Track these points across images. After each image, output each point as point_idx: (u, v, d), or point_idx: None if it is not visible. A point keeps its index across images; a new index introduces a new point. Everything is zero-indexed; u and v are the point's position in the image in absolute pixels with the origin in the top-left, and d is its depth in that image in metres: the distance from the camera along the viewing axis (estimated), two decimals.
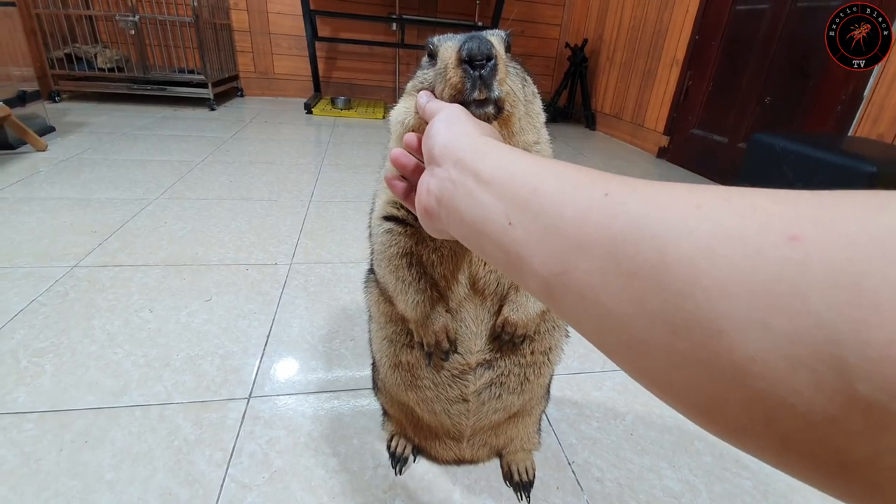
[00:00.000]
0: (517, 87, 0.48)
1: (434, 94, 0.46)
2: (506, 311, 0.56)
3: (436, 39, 0.49)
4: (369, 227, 0.60)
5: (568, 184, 0.28)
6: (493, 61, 0.43)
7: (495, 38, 0.47)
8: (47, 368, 0.91)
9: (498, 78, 0.44)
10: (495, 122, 0.47)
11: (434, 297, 0.56)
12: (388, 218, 0.56)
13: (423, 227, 0.41)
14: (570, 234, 0.25)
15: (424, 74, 0.50)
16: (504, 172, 0.31)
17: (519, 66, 0.51)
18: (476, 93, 0.44)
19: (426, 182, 0.37)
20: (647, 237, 0.22)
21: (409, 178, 0.45)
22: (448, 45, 0.46)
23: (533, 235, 0.27)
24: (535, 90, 0.55)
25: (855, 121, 1.91)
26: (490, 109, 0.45)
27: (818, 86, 2.10)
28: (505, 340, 0.58)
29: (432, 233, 0.40)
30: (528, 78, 0.53)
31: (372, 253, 0.61)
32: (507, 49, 0.50)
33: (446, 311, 0.58)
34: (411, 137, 0.44)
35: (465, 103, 0.45)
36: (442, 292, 0.57)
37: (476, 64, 0.43)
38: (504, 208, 0.30)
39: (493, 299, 0.58)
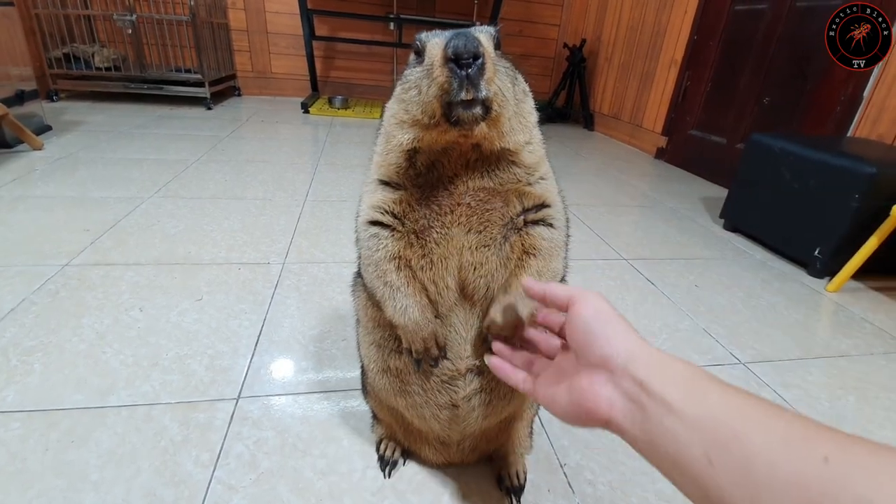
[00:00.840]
0: (506, 87, 0.47)
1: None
2: (492, 312, 0.55)
3: (423, 36, 0.48)
4: (356, 231, 0.59)
5: (775, 434, 0.27)
6: (480, 60, 0.42)
7: (483, 35, 0.46)
8: (36, 367, 0.90)
9: (486, 77, 0.43)
10: (484, 123, 0.46)
11: (423, 303, 0.55)
12: (374, 223, 0.55)
13: (570, 423, 0.40)
14: (788, 501, 0.25)
15: (412, 73, 0.49)
16: (697, 407, 0.31)
17: (509, 64, 0.50)
18: (463, 93, 0.42)
19: (607, 394, 0.36)
20: None
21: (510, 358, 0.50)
22: (434, 43, 0.45)
23: (739, 487, 0.27)
24: (527, 88, 0.53)
25: (854, 122, 1.90)
26: (478, 110, 0.44)
27: (817, 87, 2.09)
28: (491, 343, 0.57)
29: (578, 425, 0.40)
30: (518, 76, 0.52)
31: (359, 257, 0.60)
32: (497, 46, 0.49)
33: (435, 316, 0.56)
34: (538, 289, 0.46)
35: (452, 104, 0.44)
36: (431, 297, 0.56)
37: (463, 62, 0.41)
38: (702, 446, 0.29)
39: (483, 304, 0.57)
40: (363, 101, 3.92)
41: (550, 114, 3.88)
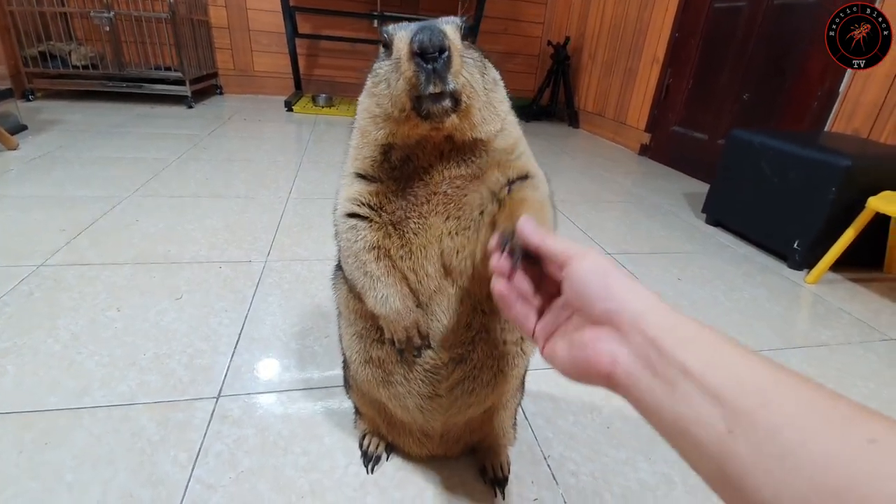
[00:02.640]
0: (475, 78, 0.47)
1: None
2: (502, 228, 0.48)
3: (390, 28, 0.48)
4: (335, 224, 0.58)
5: (812, 408, 0.24)
6: (446, 53, 0.42)
7: (449, 27, 0.46)
8: (9, 369, 0.88)
9: (453, 70, 0.43)
10: (454, 115, 0.45)
11: (403, 292, 0.55)
12: (351, 215, 0.55)
13: (570, 377, 0.37)
14: (827, 485, 0.21)
15: (381, 66, 0.48)
16: (720, 372, 0.27)
17: (477, 54, 0.50)
18: (431, 86, 0.42)
19: (610, 350, 0.33)
20: None
21: (514, 304, 0.42)
22: (401, 36, 0.45)
23: (765, 460, 0.23)
24: (497, 77, 0.53)
25: (831, 117, 1.94)
26: (447, 103, 0.44)
27: (795, 83, 2.13)
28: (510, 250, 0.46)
29: (579, 381, 0.36)
30: (487, 65, 0.51)
31: (339, 250, 0.59)
32: (465, 36, 0.48)
33: (417, 305, 0.56)
34: (535, 239, 0.41)
35: (421, 97, 0.43)
36: (412, 286, 0.56)
37: (429, 56, 0.41)
38: (722, 415, 0.26)
39: (471, 286, 0.55)
40: (347, 99, 3.89)
41: (535, 111, 3.89)
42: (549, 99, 3.97)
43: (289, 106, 3.41)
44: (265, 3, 3.59)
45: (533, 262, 0.43)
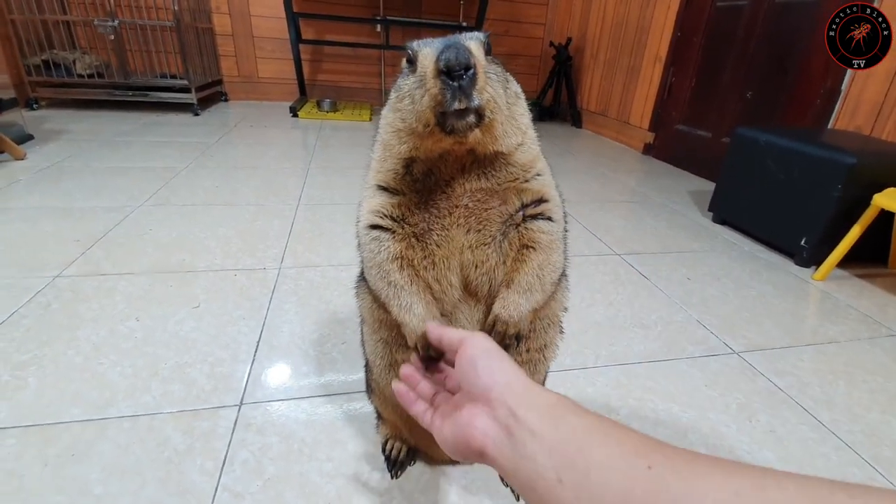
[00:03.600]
0: (498, 93, 0.48)
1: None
2: (496, 308, 0.55)
3: (415, 45, 0.49)
4: (357, 236, 0.59)
5: (612, 449, 0.31)
6: (471, 71, 0.43)
7: (474, 44, 0.47)
8: (30, 381, 0.89)
9: (478, 87, 0.44)
10: (477, 130, 0.47)
11: (427, 300, 0.56)
12: (374, 227, 0.56)
13: (454, 457, 0.43)
14: None
15: (405, 82, 0.49)
16: (554, 429, 0.34)
17: (500, 68, 0.51)
18: (456, 103, 0.43)
19: (482, 424, 0.38)
20: None
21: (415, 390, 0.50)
22: (426, 53, 0.46)
23: (582, 499, 0.30)
24: (518, 90, 0.54)
25: (833, 114, 1.94)
26: (471, 119, 0.45)
27: (797, 81, 2.13)
28: (497, 341, 0.58)
29: (460, 459, 0.43)
30: (509, 79, 0.53)
31: (362, 262, 0.60)
32: (488, 52, 0.49)
33: (441, 314, 0.57)
34: (436, 334, 0.49)
35: (446, 114, 0.44)
36: (435, 295, 0.57)
37: (455, 74, 0.42)
38: (555, 467, 0.32)
39: (487, 300, 0.58)
40: (351, 104, 3.91)
41: (538, 112, 3.90)
42: (552, 99, 3.99)
43: (294, 111, 3.42)
44: (268, 10, 3.61)
45: (435, 360, 0.53)
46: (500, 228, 0.55)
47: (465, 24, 3.83)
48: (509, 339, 0.57)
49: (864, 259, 1.60)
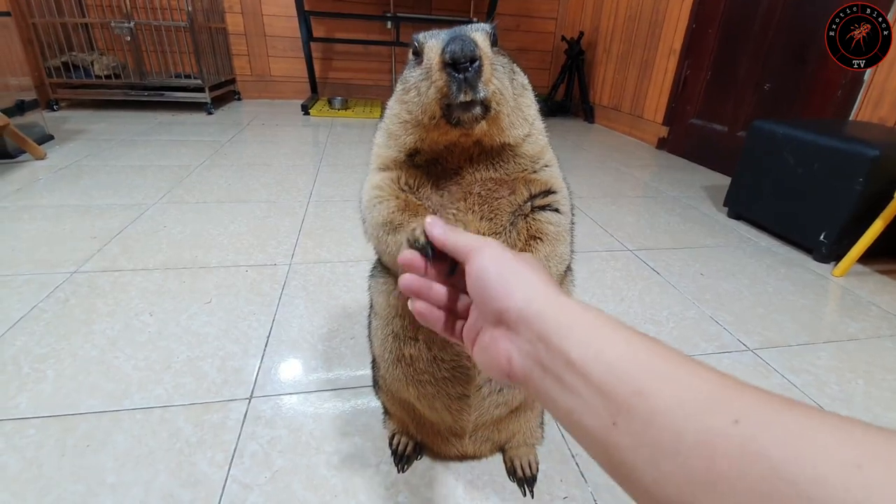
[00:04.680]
0: (504, 84, 0.47)
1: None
2: None
3: (421, 37, 0.49)
4: (361, 213, 0.58)
5: (684, 392, 0.25)
6: (477, 63, 0.42)
7: (479, 35, 0.46)
8: (49, 374, 0.91)
9: (483, 79, 0.43)
10: (483, 122, 0.46)
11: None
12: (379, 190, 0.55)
13: (495, 379, 0.39)
14: (694, 467, 0.22)
15: (411, 74, 0.49)
16: (599, 363, 0.28)
17: (506, 59, 0.50)
18: (462, 95, 0.43)
19: (506, 349, 0.34)
20: (800, 499, 0.19)
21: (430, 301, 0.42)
22: (432, 45, 0.46)
23: (643, 449, 0.24)
24: (525, 82, 0.54)
25: (856, 105, 1.89)
26: (477, 111, 0.45)
27: (817, 71, 2.08)
28: None
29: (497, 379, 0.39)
30: (516, 70, 0.52)
31: (366, 234, 0.58)
32: (494, 43, 0.49)
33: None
34: (439, 231, 0.41)
35: (451, 106, 0.44)
36: None
37: (460, 67, 0.42)
38: (605, 406, 0.27)
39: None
40: (362, 101, 3.92)
41: (550, 107, 3.87)
42: (564, 94, 3.95)
43: (305, 109, 3.45)
44: (280, 9, 3.64)
45: (442, 259, 0.42)
46: (510, 219, 0.55)
47: (475, 19, 3.81)
48: None
49: (887, 254, 1.55)
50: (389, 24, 3.72)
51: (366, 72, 3.99)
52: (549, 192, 0.55)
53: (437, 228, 0.41)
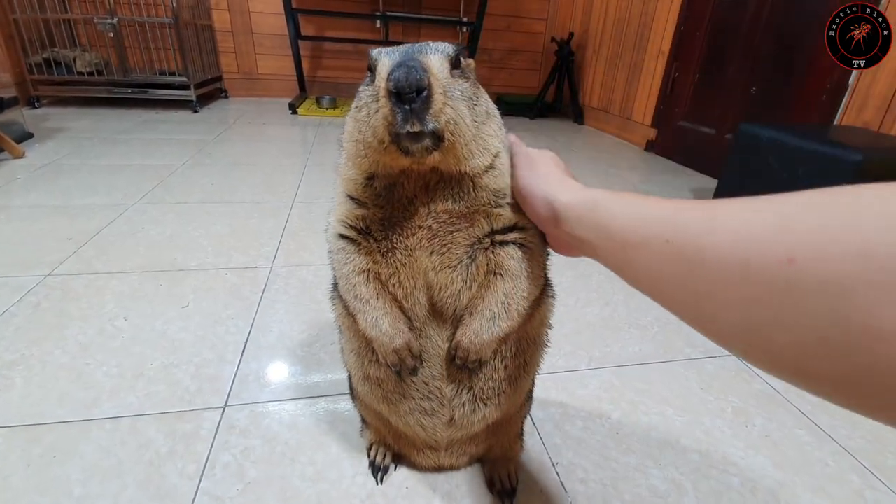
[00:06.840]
0: (461, 112, 0.43)
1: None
2: (458, 334, 0.53)
3: (375, 52, 0.46)
4: (328, 241, 0.57)
5: (634, 207, 0.39)
6: (424, 93, 0.39)
7: (435, 58, 0.43)
8: (17, 381, 0.88)
9: (432, 111, 0.40)
10: (436, 153, 0.43)
11: (394, 314, 0.54)
12: (342, 237, 0.54)
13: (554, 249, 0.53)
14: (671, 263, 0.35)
15: (365, 90, 0.46)
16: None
17: (469, 83, 0.46)
18: (408, 126, 0.40)
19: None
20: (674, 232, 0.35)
21: None
22: (383, 64, 0.43)
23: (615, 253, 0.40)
24: (491, 108, 0.50)
25: (840, 109, 1.90)
26: (426, 142, 0.42)
27: (803, 75, 2.09)
28: (458, 366, 0.55)
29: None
30: (480, 95, 0.48)
31: (333, 270, 0.59)
32: (456, 65, 0.45)
33: (410, 329, 0.55)
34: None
35: (399, 135, 0.41)
36: (405, 312, 0.55)
37: (405, 97, 0.39)
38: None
39: (454, 323, 0.55)
40: (351, 101, 3.88)
41: (540, 108, 3.86)
42: (554, 95, 3.95)
43: (293, 108, 3.41)
44: (268, 6, 3.60)
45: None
46: (468, 252, 0.52)
47: (465, 19, 3.79)
48: (472, 365, 0.54)
49: None
50: (379, 23, 3.69)
51: (355, 71, 3.96)
52: (514, 228, 0.52)
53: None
